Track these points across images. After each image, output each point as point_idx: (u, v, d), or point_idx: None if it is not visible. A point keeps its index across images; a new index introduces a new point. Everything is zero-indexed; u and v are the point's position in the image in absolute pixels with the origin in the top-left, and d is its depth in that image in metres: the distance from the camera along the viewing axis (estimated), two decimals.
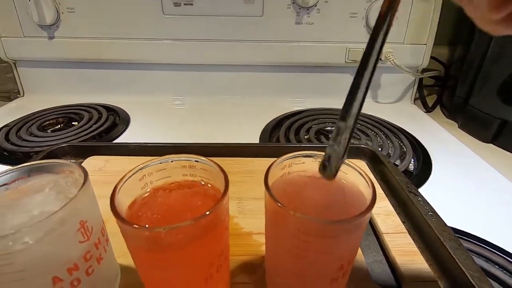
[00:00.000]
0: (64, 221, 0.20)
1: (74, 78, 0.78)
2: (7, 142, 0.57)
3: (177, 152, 0.51)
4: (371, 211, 0.19)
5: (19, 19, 0.71)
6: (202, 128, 0.66)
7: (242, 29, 0.70)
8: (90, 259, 0.23)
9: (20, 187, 0.24)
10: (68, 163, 0.24)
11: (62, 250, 0.20)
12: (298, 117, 0.68)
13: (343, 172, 0.23)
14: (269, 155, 0.47)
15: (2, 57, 0.74)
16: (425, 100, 0.79)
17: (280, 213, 0.20)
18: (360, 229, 0.20)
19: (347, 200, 0.22)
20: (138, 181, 0.24)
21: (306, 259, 0.20)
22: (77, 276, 0.22)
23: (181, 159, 0.25)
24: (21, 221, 0.20)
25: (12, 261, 0.18)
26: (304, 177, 0.26)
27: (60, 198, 0.23)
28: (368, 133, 0.62)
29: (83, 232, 0.22)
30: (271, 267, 0.25)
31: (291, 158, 0.25)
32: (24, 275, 0.19)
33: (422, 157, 0.54)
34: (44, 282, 0.20)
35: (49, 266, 0.20)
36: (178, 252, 0.20)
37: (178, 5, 0.69)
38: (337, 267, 0.21)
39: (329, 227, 0.18)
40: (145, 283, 0.24)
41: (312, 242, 0.19)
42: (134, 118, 0.69)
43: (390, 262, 0.32)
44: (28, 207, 0.21)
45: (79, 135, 0.60)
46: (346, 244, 0.20)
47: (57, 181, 0.24)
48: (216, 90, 0.78)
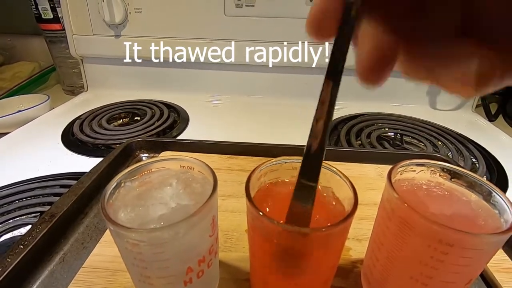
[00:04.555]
0: (205, 216, 0.21)
1: (135, 75, 0.81)
2: (82, 133, 0.61)
3: (246, 151, 0.52)
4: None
5: (90, 19, 0.75)
6: (262, 127, 0.67)
7: (302, 30, 0.70)
8: (212, 253, 0.24)
9: (145, 180, 0.25)
10: (190, 159, 0.25)
11: (199, 242, 0.22)
12: (355, 121, 0.67)
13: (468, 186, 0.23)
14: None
15: (72, 53, 0.79)
16: (488, 108, 0.75)
17: (418, 221, 0.20)
18: (501, 244, 0.19)
19: (475, 213, 0.22)
20: (257, 180, 0.25)
21: (437, 270, 0.20)
22: (202, 268, 0.23)
23: (293, 161, 0.26)
24: (163, 212, 0.22)
25: (163, 250, 0.20)
26: (416, 186, 0.25)
27: (188, 192, 0.24)
28: (433, 141, 0.60)
29: (212, 227, 0.23)
30: (377, 273, 0.25)
31: (404, 166, 0.25)
32: (169, 263, 0.21)
33: (495, 169, 0.52)
34: (181, 270, 0.21)
35: (188, 256, 0.21)
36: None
37: (239, 7, 0.70)
38: (466, 280, 0.21)
39: (477, 240, 0.18)
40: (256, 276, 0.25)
41: (451, 253, 0.19)
42: (192, 115, 0.71)
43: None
44: (164, 200, 0.23)
45: (146, 130, 0.62)
46: (484, 258, 0.20)
47: (179, 176, 0.25)
48: (277, 90, 0.79)
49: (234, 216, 0.37)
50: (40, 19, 0.78)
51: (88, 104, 0.76)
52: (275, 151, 0.49)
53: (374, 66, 0.13)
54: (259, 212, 0.20)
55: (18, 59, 1.05)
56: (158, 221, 0.21)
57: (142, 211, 0.22)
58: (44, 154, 0.55)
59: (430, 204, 0.23)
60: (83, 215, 0.38)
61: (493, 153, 0.57)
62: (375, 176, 0.45)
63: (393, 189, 0.22)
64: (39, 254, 0.31)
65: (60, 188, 0.45)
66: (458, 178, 0.24)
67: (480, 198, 0.23)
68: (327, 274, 0.23)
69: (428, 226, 0.19)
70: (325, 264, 0.22)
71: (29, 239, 0.31)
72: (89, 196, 0.40)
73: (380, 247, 0.24)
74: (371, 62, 0.13)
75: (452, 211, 0.23)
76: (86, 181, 0.40)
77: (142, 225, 0.21)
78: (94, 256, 0.32)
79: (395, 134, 0.63)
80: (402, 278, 0.23)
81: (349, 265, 0.31)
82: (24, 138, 0.61)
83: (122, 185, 0.23)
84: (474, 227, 0.21)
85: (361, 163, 0.48)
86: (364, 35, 0.13)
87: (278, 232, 0.20)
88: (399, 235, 0.21)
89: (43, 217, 0.34)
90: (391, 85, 0.76)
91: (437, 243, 0.19)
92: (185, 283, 0.22)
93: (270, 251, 0.22)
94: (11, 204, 0.42)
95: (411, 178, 0.26)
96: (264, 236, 0.21)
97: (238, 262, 0.31)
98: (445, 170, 0.25)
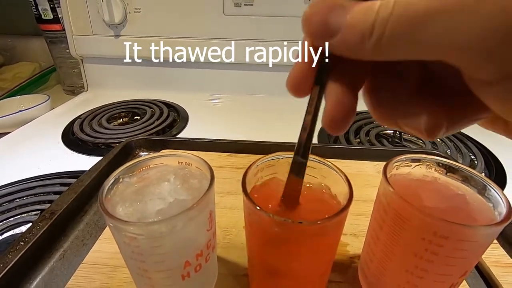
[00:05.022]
0: (202, 209, 0.21)
1: (135, 75, 0.82)
2: (82, 132, 0.61)
3: (245, 149, 0.52)
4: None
5: (90, 19, 0.76)
6: (262, 126, 0.67)
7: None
8: (209, 247, 0.24)
9: (143, 176, 0.26)
10: (188, 155, 0.26)
11: (196, 236, 0.22)
12: (354, 119, 0.67)
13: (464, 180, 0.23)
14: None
15: (72, 54, 0.80)
16: None
17: (412, 214, 0.20)
18: (495, 235, 0.19)
19: (470, 206, 0.22)
20: (253, 176, 0.25)
21: (432, 263, 0.20)
22: (200, 262, 0.23)
23: (289, 156, 0.26)
24: (161, 207, 0.22)
25: (161, 244, 0.20)
26: (411, 180, 0.26)
27: (186, 188, 0.24)
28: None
29: (210, 221, 0.23)
30: (374, 267, 0.26)
31: (400, 161, 0.25)
32: (166, 257, 0.21)
33: (494, 166, 0.52)
34: (178, 264, 0.22)
35: (185, 250, 0.21)
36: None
37: (238, 6, 0.71)
38: (462, 273, 0.21)
39: (472, 231, 0.18)
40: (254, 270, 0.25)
41: (446, 246, 0.19)
42: (192, 114, 0.71)
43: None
44: (162, 195, 0.23)
45: (145, 129, 0.63)
46: (479, 250, 0.20)
47: (176, 172, 0.26)
48: (277, 90, 0.79)
49: (233, 213, 0.37)
50: (40, 20, 0.79)
51: (88, 104, 0.76)
52: (273, 149, 0.48)
53: (337, 121, 0.16)
54: (255, 207, 0.20)
55: (18, 59, 1.06)
56: (156, 215, 0.21)
57: (140, 206, 0.22)
58: (45, 153, 0.55)
59: (425, 198, 0.23)
60: (83, 213, 0.38)
61: (492, 150, 0.57)
62: (373, 173, 0.45)
63: (388, 183, 0.22)
64: (39, 251, 0.32)
65: (60, 187, 0.45)
66: (453, 172, 0.25)
67: (474, 191, 0.23)
68: (323, 267, 0.24)
69: (422, 218, 0.19)
70: (321, 258, 0.22)
71: (30, 236, 0.31)
72: (89, 194, 0.40)
73: (376, 241, 0.24)
74: (334, 117, 0.16)
75: (447, 205, 0.23)
76: (86, 179, 0.40)
77: (140, 219, 0.21)
78: (94, 252, 0.32)
79: (394, 131, 0.63)
80: (398, 272, 0.23)
81: (347, 260, 0.32)
82: (25, 138, 0.61)
83: (120, 180, 0.24)
84: (468, 220, 0.21)
85: (359, 160, 0.48)
86: (329, 91, 0.16)
87: (274, 226, 0.20)
88: (394, 228, 0.22)
89: (43, 215, 0.34)
90: None
91: (432, 235, 0.19)
92: (183, 277, 0.22)
93: (267, 245, 0.22)
94: (12, 202, 0.43)
95: (406, 172, 0.26)
96: (261, 230, 0.22)
97: (237, 258, 0.31)
98: (441, 165, 0.25)
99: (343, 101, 0.15)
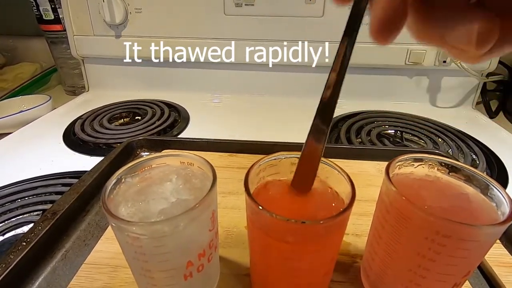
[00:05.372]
0: (205, 209, 0.21)
1: (136, 75, 0.82)
2: (83, 133, 0.61)
3: (246, 149, 0.52)
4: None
5: (91, 19, 0.76)
6: (263, 126, 0.67)
7: (302, 29, 0.70)
8: (212, 247, 0.24)
9: (146, 176, 0.26)
10: (190, 155, 0.26)
11: (199, 236, 0.22)
12: (355, 119, 0.67)
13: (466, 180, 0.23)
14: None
15: (74, 54, 0.80)
16: (489, 105, 0.75)
17: (415, 214, 0.20)
18: (498, 235, 0.19)
19: (473, 206, 0.22)
20: (256, 175, 0.25)
21: (435, 262, 0.20)
22: (202, 262, 0.23)
23: (292, 156, 0.26)
24: (163, 207, 0.22)
25: (163, 244, 0.20)
26: (414, 180, 0.26)
27: (188, 187, 0.24)
28: (433, 138, 0.60)
29: (212, 221, 0.23)
30: (376, 267, 0.25)
31: (402, 160, 0.25)
32: (169, 256, 0.21)
33: (496, 166, 0.52)
34: (181, 264, 0.22)
35: (188, 250, 0.21)
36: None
37: (239, 6, 0.71)
38: (464, 273, 0.21)
39: (474, 231, 0.18)
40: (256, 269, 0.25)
41: (448, 245, 0.19)
42: (193, 115, 0.71)
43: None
44: (164, 195, 0.23)
45: (147, 129, 0.63)
46: (482, 250, 0.20)
47: (179, 172, 0.26)
48: (277, 90, 0.79)
49: (234, 213, 0.37)
50: (41, 20, 0.79)
51: (89, 104, 0.76)
52: (275, 149, 0.48)
53: (385, 23, 0.14)
54: (258, 206, 0.20)
55: (19, 60, 1.06)
56: (158, 215, 0.21)
57: (142, 205, 0.22)
58: (46, 153, 0.55)
59: (428, 197, 0.23)
60: (85, 213, 0.38)
61: (494, 149, 0.57)
62: (375, 173, 0.45)
63: (390, 183, 0.22)
64: (41, 251, 0.32)
65: (62, 187, 0.45)
66: (456, 172, 0.25)
67: (477, 191, 0.23)
68: (326, 267, 0.24)
69: (425, 217, 0.19)
70: (324, 257, 0.22)
71: (32, 236, 0.31)
72: (91, 194, 0.40)
73: (378, 240, 0.24)
74: (382, 19, 0.14)
75: (449, 204, 0.23)
76: (88, 180, 0.40)
77: (143, 219, 0.21)
78: (96, 252, 0.32)
79: (395, 131, 0.63)
80: (400, 271, 0.23)
81: (349, 260, 0.32)
82: (26, 138, 0.61)
83: (122, 180, 0.24)
84: (471, 219, 0.21)
85: (361, 160, 0.48)
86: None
87: (276, 225, 0.20)
88: (397, 227, 0.22)
89: (45, 215, 0.34)
90: (391, 83, 0.76)
91: (434, 234, 0.19)
92: (185, 277, 0.22)
93: (269, 244, 0.22)
94: (13, 202, 0.43)
95: (409, 172, 0.26)
96: (263, 230, 0.22)
97: (239, 258, 0.31)
98: (443, 164, 0.25)
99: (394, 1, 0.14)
